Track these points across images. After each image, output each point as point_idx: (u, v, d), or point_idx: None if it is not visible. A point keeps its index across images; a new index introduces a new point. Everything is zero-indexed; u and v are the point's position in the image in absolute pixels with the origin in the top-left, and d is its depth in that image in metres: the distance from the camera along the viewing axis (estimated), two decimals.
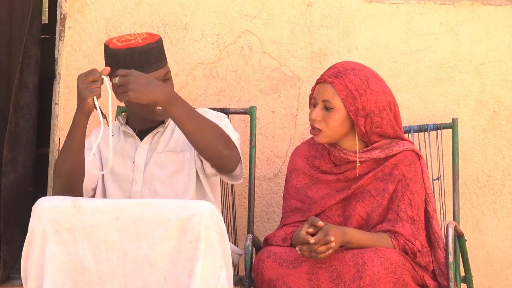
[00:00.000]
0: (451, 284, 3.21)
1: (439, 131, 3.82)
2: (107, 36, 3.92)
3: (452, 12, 4.01)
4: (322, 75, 3.27)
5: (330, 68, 3.29)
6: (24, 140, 4.24)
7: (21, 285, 3.07)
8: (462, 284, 3.60)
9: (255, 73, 4.00)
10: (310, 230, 3.05)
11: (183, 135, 3.28)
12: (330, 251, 3.03)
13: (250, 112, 3.82)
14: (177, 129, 3.39)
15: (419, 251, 3.20)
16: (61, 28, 3.91)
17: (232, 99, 3.99)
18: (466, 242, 3.56)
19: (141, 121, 3.44)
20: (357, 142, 3.27)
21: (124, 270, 2.98)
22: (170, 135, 3.44)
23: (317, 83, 3.29)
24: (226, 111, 3.82)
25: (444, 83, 4.02)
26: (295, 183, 3.36)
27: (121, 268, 2.99)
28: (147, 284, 2.98)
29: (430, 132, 3.81)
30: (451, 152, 3.77)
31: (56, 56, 3.93)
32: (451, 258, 3.23)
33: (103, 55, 3.29)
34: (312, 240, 3.00)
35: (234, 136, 3.31)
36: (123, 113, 3.64)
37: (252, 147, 3.78)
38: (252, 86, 4.00)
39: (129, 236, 2.97)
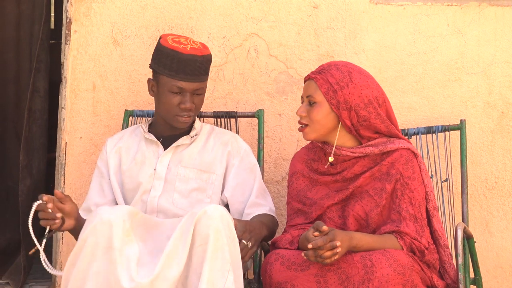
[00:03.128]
0: (461, 286, 3.19)
1: (447, 132, 3.81)
2: (113, 40, 3.92)
3: (459, 13, 3.99)
4: (308, 74, 3.33)
5: (318, 67, 3.34)
6: (37, 145, 4.27)
7: None
8: (471, 286, 3.58)
9: (261, 76, 3.99)
10: (316, 234, 3.04)
11: (213, 157, 3.45)
12: (336, 256, 3.02)
13: (258, 115, 3.81)
14: (208, 149, 3.48)
15: (426, 249, 3.19)
16: (67, 32, 3.90)
17: (239, 102, 3.98)
18: (475, 244, 3.55)
19: (166, 127, 3.48)
20: (338, 131, 3.28)
21: None
22: (199, 152, 3.47)
23: (304, 81, 3.34)
24: (234, 115, 3.81)
25: (452, 85, 4.00)
26: (296, 186, 3.38)
27: None
28: None
29: (438, 134, 3.80)
30: (459, 154, 3.76)
31: (62, 60, 3.92)
32: (460, 260, 3.21)
33: (109, 58, 3.28)
34: (310, 245, 2.99)
35: (267, 191, 3.55)
36: (148, 118, 3.65)
37: (260, 150, 3.77)
38: (259, 89, 3.99)
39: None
